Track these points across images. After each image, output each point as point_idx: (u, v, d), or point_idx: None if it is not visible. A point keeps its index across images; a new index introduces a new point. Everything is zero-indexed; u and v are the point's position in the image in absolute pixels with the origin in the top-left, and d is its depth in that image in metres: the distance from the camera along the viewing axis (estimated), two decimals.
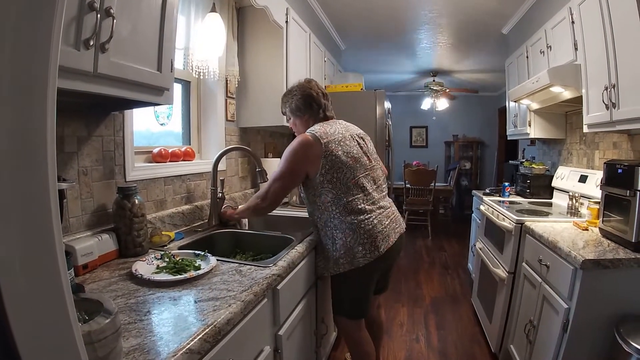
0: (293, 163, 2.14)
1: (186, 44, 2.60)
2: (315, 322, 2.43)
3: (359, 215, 2.11)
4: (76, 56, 1.18)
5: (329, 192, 2.13)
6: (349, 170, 2.12)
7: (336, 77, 5.16)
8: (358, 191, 2.14)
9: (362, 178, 2.17)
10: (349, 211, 2.11)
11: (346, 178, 2.12)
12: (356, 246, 2.11)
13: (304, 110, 2.33)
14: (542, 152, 4.72)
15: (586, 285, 1.98)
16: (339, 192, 2.12)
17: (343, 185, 2.11)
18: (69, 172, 1.73)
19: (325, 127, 2.21)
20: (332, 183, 2.11)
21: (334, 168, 2.10)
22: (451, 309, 4.14)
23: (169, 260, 1.69)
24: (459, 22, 5.00)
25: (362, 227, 2.10)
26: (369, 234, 2.11)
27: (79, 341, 0.65)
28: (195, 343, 1.06)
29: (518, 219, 2.82)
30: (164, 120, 2.62)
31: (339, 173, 2.11)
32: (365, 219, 2.12)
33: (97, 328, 0.85)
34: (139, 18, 1.47)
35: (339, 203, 2.12)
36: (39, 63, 0.59)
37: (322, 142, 2.10)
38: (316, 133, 2.14)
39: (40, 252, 0.59)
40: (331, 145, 2.11)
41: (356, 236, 2.10)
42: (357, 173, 2.15)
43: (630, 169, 2.09)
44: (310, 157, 2.11)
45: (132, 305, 1.28)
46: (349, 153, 2.15)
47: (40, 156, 0.59)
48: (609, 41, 2.34)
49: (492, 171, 9.95)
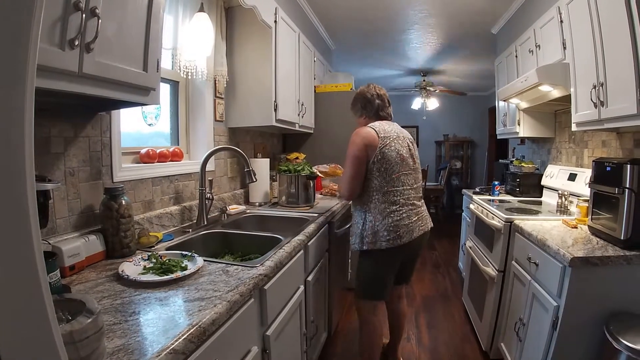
0: (356, 147, 2.46)
1: (174, 44, 2.59)
2: (305, 323, 2.42)
3: (393, 206, 2.44)
4: (61, 56, 1.17)
5: (376, 179, 2.45)
6: (396, 165, 2.45)
7: (326, 77, 5.15)
8: (398, 185, 2.46)
9: (404, 175, 2.49)
10: (386, 199, 2.44)
11: (392, 171, 2.45)
12: (382, 230, 2.42)
13: (361, 110, 2.72)
14: (531, 151, 4.75)
15: (575, 283, 2.00)
16: (383, 181, 2.44)
17: (388, 176, 2.44)
18: (55, 173, 1.71)
19: (384, 125, 2.55)
20: (380, 172, 2.44)
21: (385, 159, 2.43)
22: (442, 307, 4.16)
23: (156, 261, 1.68)
24: (448, 22, 5.01)
25: (392, 216, 2.43)
26: (396, 224, 2.42)
27: (59, 341, 0.65)
28: (180, 343, 1.06)
29: (507, 218, 2.83)
30: (152, 121, 2.61)
31: (388, 165, 2.44)
32: (397, 210, 2.44)
33: (79, 328, 0.85)
34: (125, 18, 1.45)
35: (381, 190, 2.45)
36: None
37: (380, 136, 2.45)
38: (376, 128, 2.49)
39: (17, 252, 0.58)
40: (387, 140, 2.46)
41: (385, 222, 2.42)
42: (402, 169, 2.48)
43: (618, 166, 2.10)
44: (368, 145, 2.44)
45: (118, 306, 1.28)
46: (399, 151, 2.48)
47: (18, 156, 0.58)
48: (597, 40, 2.35)
49: (482, 170, 10.00)
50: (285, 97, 3.45)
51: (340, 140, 4.36)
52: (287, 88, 3.52)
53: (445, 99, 9.39)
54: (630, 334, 1.79)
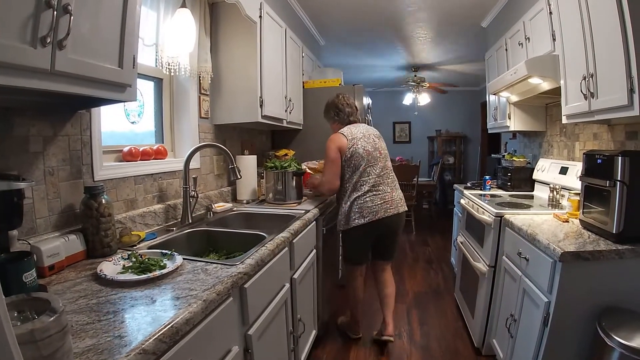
0: (333, 153, 3.02)
1: (156, 41, 2.55)
2: (292, 322, 2.40)
3: (358, 193, 2.99)
4: (32, 54, 1.16)
5: (347, 173, 3.04)
6: (362, 159, 3.00)
7: (315, 72, 5.12)
8: (364, 175, 3.00)
9: (370, 167, 3.01)
10: (354, 188, 3.01)
11: (359, 164, 2.99)
12: (351, 213, 3.01)
13: (333, 117, 3.28)
14: (523, 145, 4.74)
15: (566, 278, 1.97)
16: (353, 174, 3.01)
17: (357, 169, 3.00)
18: (34, 172, 1.69)
19: (351, 128, 3.13)
20: (350, 167, 3.01)
21: (353, 156, 3.00)
22: (434, 304, 4.14)
23: (136, 260, 1.65)
24: (438, 16, 4.99)
25: (358, 202, 2.99)
26: (360, 207, 2.98)
27: (11, 339, 0.64)
28: (150, 343, 1.03)
29: (497, 212, 2.81)
30: (134, 119, 2.56)
31: (356, 160, 3.00)
32: (361, 196, 2.98)
33: (40, 326, 0.84)
34: (99, 14, 1.43)
35: (351, 181, 3.02)
36: None
37: (348, 139, 3.02)
38: (344, 133, 3.07)
39: None
40: (354, 141, 3.02)
41: (353, 207, 3.00)
42: (368, 162, 3.01)
43: (609, 159, 2.06)
44: (340, 147, 3.01)
45: (93, 305, 1.26)
46: (365, 147, 3.03)
47: None
48: (587, 30, 2.31)
49: (475, 166, 9.99)
50: (272, 93, 3.41)
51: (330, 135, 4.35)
52: (274, 84, 3.49)
53: (437, 94, 9.37)
54: (622, 330, 1.75)
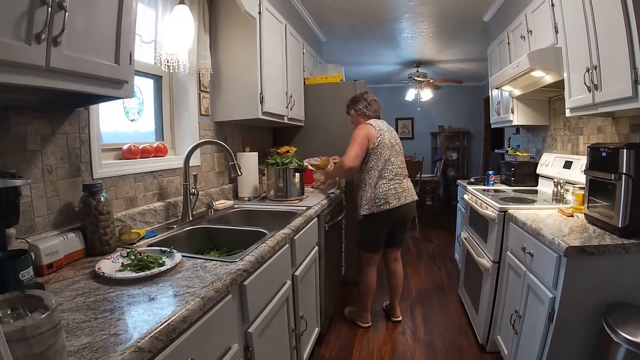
0: (361, 137, 3.27)
1: (155, 37, 2.53)
2: (294, 319, 2.38)
3: (383, 180, 3.27)
4: (27, 51, 1.15)
5: (372, 160, 3.29)
6: (387, 149, 3.29)
7: (316, 68, 5.09)
8: (388, 164, 3.29)
9: (393, 157, 3.33)
10: (379, 175, 3.27)
11: (385, 154, 3.28)
12: (376, 199, 3.25)
13: (362, 109, 3.50)
14: (526, 140, 4.71)
15: (571, 274, 1.94)
16: (379, 162, 3.27)
17: (382, 157, 3.27)
18: (32, 170, 1.68)
19: (378, 122, 3.40)
20: (376, 155, 3.28)
21: (380, 146, 3.27)
22: (438, 300, 4.12)
23: (134, 258, 1.64)
24: (439, 10, 4.95)
25: (383, 188, 3.25)
26: (385, 194, 3.24)
27: None
28: (146, 341, 1.02)
29: (501, 207, 2.78)
30: (134, 116, 2.55)
31: (382, 149, 3.27)
32: (386, 184, 3.26)
33: (32, 324, 0.83)
34: (95, 10, 1.42)
35: (376, 168, 3.28)
36: None
37: (376, 130, 3.30)
38: (373, 124, 3.34)
39: None
40: (381, 132, 3.32)
41: (377, 193, 3.25)
42: (391, 153, 3.31)
43: (614, 152, 2.03)
44: (369, 135, 3.28)
45: (90, 303, 1.25)
46: (389, 139, 3.34)
47: None
48: (590, 21, 2.28)
49: (479, 161, 9.93)
50: (272, 90, 3.39)
51: (332, 131, 4.33)
52: (274, 80, 3.47)
53: (439, 90, 9.34)
54: (629, 326, 1.72)
